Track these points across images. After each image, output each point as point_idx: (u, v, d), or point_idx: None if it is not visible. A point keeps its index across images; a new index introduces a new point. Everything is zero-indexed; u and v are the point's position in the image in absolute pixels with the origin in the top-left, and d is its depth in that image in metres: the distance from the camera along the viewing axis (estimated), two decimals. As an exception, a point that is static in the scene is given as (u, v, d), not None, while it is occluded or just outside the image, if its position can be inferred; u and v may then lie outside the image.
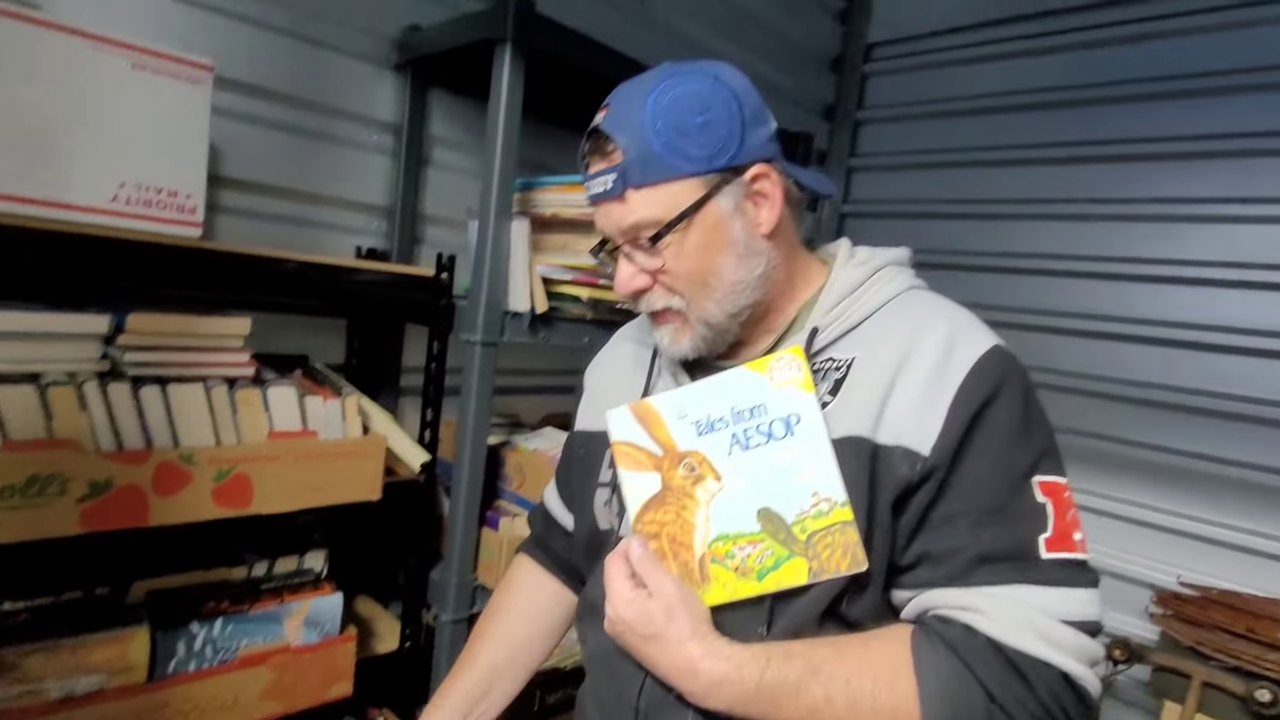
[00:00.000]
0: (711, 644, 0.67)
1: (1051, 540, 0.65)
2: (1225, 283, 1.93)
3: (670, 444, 0.75)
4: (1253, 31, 1.89)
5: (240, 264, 1.06)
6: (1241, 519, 1.91)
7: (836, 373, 0.73)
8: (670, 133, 0.71)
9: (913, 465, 0.67)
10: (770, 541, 0.70)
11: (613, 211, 0.75)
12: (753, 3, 2.26)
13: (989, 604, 0.63)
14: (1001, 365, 0.69)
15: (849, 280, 0.78)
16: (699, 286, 0.75)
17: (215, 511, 1.01)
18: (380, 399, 1.54)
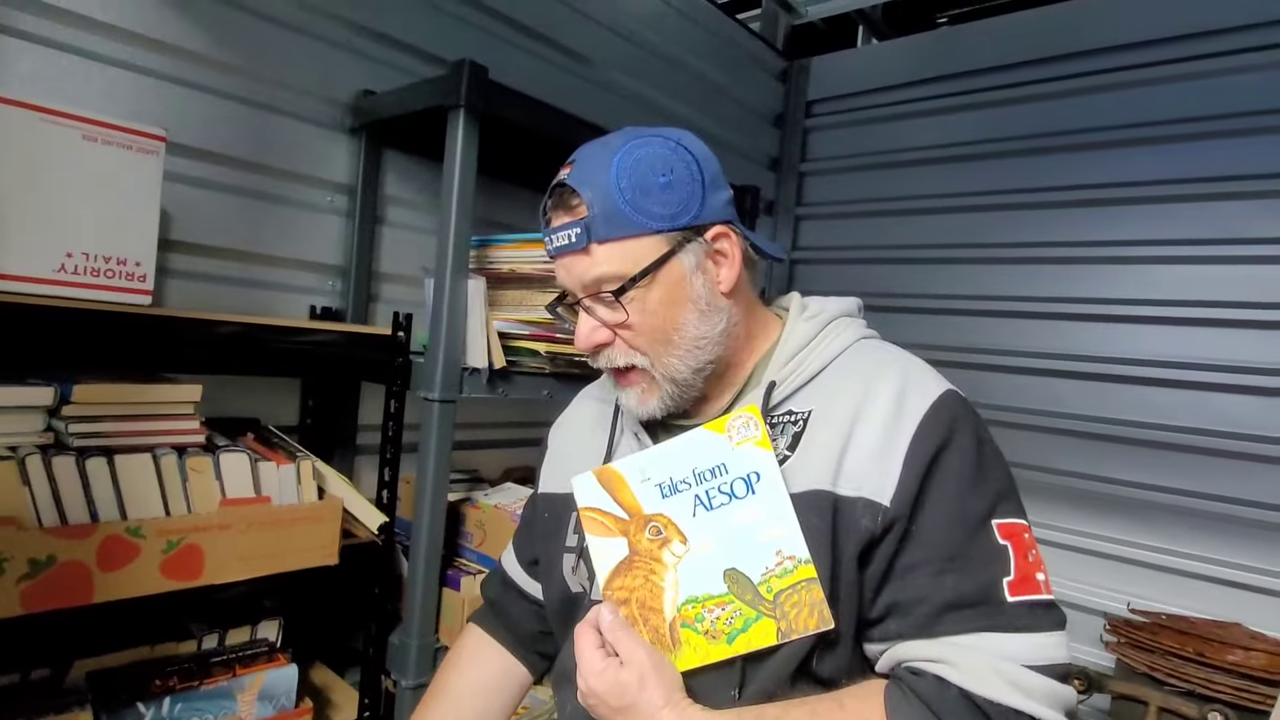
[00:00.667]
0: (685, 711, 0.67)
1: (1014, 583, 0.65)
2: (1148, 319, 2.05)
3: (635, 508, 0.75)
4: (1161, 88, 2.05)
5: (189, 328, 1.06)
6: (1181, 544, 1.99)
7: (794, 426, 0.74)
8: (634, 191, 0.73)
9: (874, 517, 0.68)
10: (738, 603, 0.70)
11: (575, 265, 0.76)
12: (698, 65, 2.36)
13: (958, 654, 0.63)
14: (952, 411, 0.71)
15: (802, 334, 0.80)
16: (662, 343, 0.76)
17: (164, 584, 0.98)
18: (336, 458, 1.52)
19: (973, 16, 2.61)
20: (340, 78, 1.51)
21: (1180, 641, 1.76)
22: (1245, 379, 1.91)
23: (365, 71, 1.54)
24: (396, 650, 1.35)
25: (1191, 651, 1.73)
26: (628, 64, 2.13)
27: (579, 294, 0.78)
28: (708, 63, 2.40)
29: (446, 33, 1.67)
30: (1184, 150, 2.01)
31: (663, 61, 2.24)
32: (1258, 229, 1.91)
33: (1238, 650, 1.71)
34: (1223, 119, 1.95)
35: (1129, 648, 1.84)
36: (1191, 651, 1.73)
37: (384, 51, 1.58)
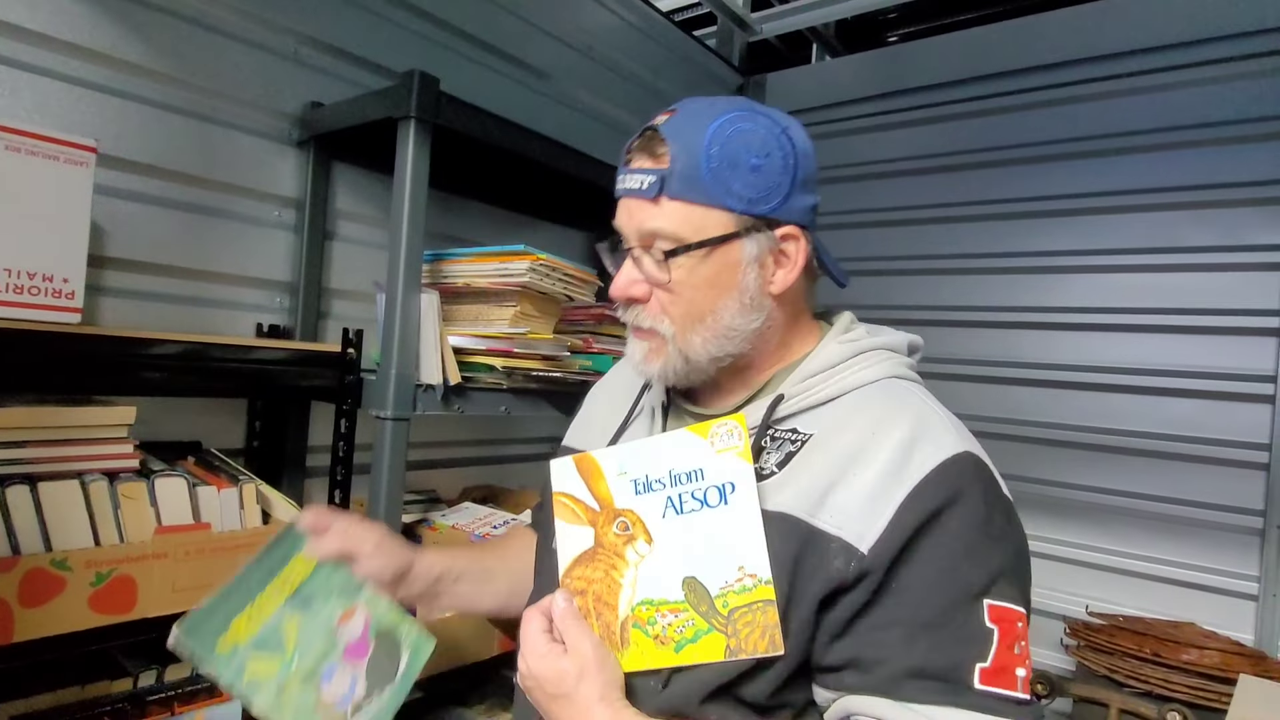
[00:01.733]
0: (619, 711, 0.66)
1: (988, 672, 0.61)
2: (1097, 326, 2.10)
3: (608, 500, 0.74)
4: (1105, 103, 2.12)
5: (122, 348, 1.01)
6: (1135, 546, 2.04)
7: (791, 445, 0.71)
8: (722, 161, 0.70)
9: (847, 561, 0.64)
10: (692, 613, 0.68)
11: (639, 211, 0.73)
12: (655, 80, 2.37)
13: (908, 718, 0.60)
14: (966, 472, 0.66)
15: (829, 355, 0.76)
16: (694, 319, 0.73)
17: (93, 619, 0.92)
18: (285, 481, 1.47)
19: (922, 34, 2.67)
20: (287, 89, 1.48)
21: (1137, 643, 1.79)
22: (1190, 383, 1.96)
23: (313, 83, 1.51)
24: (349, 680, 1.29)
25: (1148, 652, 1.76)
26: (584, 79, 2.13)
27: (632, 241, 0.75)
28: (664, 78, 2.41)
29: (398, 45, 1.65)
30: (1128, 162, 2.08)
31: (619, 76, 2.25)
32: (1196, 238, 1.98)
33: (1192, 649, 1.74)
34: (1165, 132, 2.02)
35: (1088, 650, 1.87)
36: (1148, 652, 1.76)
37: (333, 63, 1.55)
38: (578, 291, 1.52)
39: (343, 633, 0.78)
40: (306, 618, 0.77)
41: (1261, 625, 1.84)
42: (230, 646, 0.72)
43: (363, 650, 0.78)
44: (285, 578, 0.78)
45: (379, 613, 0.81)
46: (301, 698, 0.73)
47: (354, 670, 0.76)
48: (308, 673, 0.74)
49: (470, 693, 1.57)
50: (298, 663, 0.74)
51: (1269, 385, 1.86)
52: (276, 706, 0.71)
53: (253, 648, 0.73)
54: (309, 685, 0.73)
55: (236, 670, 0.71)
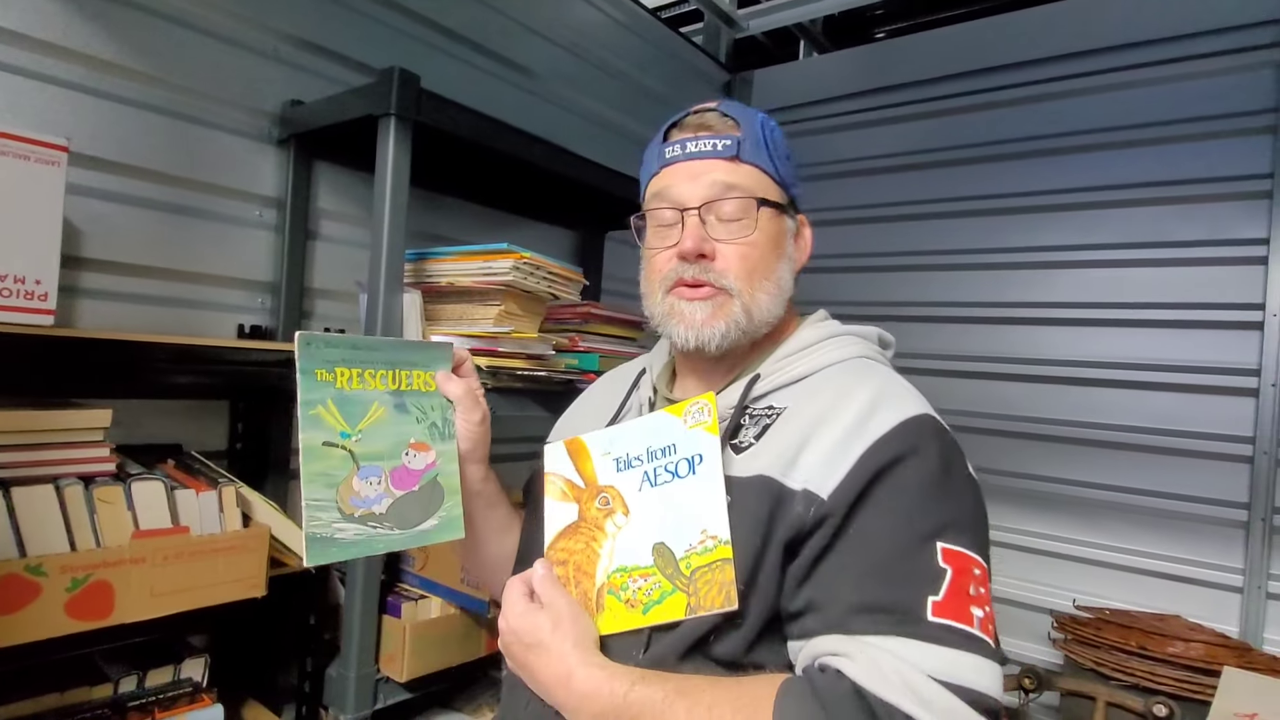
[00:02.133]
0: (590, 655, 0.69)
1: (940, 605, 0.61)
2: (1084, 321, 2.11)
3: (592, 478, 0.80)
4: (1088, 99, 2.13)
5: (98, 350, 0.99)
6: (1121, 539, 2.05)
7: (768, 418, 0.76)
8: (774, 144, 0.81)
9: (808, 507, 0.67)
10: (659, 576, 0.72)
11: (713, 169, 0.79)
12: (641, 77, 2.36)
13: (860, 650, 0.61)
14: (924, 431, 0.70)
15: (804, 338, 0.82)
16: (761, 275, 0.79)
17: (70, 625, 0.91)
18: (268, 484, 1.46)
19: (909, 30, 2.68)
20: (266, 87, 1.46)
21: (1124, 636, 1.80)
22: (1175, 377, 1.97)
23: (293, 81, 1.49)
24: (334, 683, 1.29)
25: (1135, 645, 1.77)
26: (569, 76, 2.12)
27: (698, 200, 0.79)
28: (650, 75, 2.40)
29: (380, 42, 1.63)
30: (1112, 158, 2.09)
31: (605, 73, 2.23)
32: (1180, 232, 1.99)
33: (1178, 642, 1.75)
34: (1148, 127, 2.03)
35: (1075, 644, 1.88)
36: (1135, 645, 1.77)
37: (313, 60, 1.53)
38: (563, 290, 1.51)
39: (406, 456, 0.78)
40: (391, 418, 0.77)
41: (1246, 617, 1.86)
42: (322, 380, 0.73)
43: (408, 483, 0.78)
44: (404, 376, 0.78)
45: (445, 468, 0.80)
46: (333, 466, 0.73)
47: (389, 491, 0.76)
48: (357, 455, 0.74)
49: (457, 694, 1.57)
50: (355, 441, 0.74)
51: (1253, 379, 1.87)
52: (312, 453, 0.71)
53: (337, 400, 0.73)
54: (346, 465, 0.73)
55: (311, 401, 0.72)
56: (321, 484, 0.72)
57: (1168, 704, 1.64)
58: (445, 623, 1.37)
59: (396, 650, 1.31)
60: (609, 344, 1.64)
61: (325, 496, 0.72)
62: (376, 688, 1.30)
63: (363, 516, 0.74)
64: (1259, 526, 1.85)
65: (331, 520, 0.72)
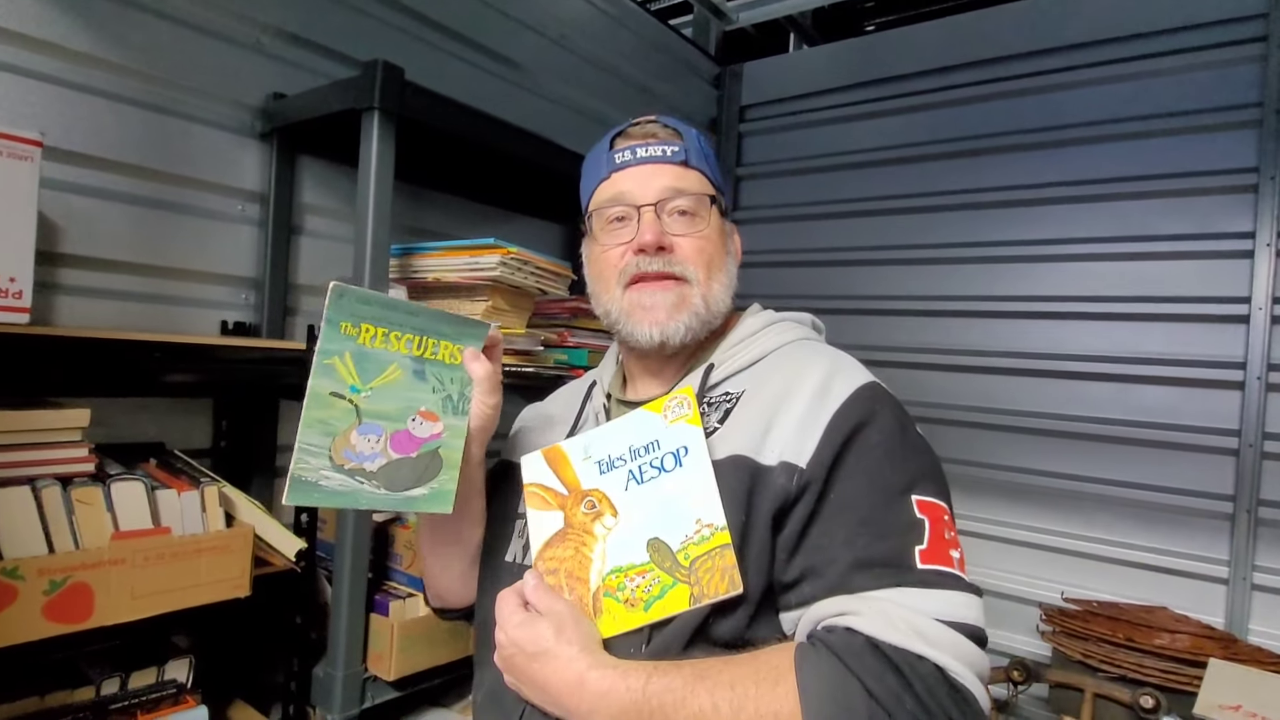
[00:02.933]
0: (599, 657, 0.69)
1: (926, 552, 0.67)
2: (1071, 315, 2.11)
3: (575, 484, 0.79)
4: (1077, 92, 2.13)
5: (77, 348, 0.97)
6: (1108, 532, 2.06)
7: (727, 403, 0.79)
8: (709, 155, 0.88)
9: (790, 477, 0.70)
10: (657, 570, 0.72)
11: (664, 173, 0.84)
12: (630, 69, 2.35)
13: (864, 605, 0.64)
14: (876, 396, 0.75)
15: (749, 327, 0.87)
16: (715, 267, 0.84)
17: (48, 628, 0.89)
18: (254, 483, 1.44)
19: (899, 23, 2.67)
20: (248, 80, 1.44)
21: (1111, 628, 1.81)
22: (1161, 370, 1.98)
23: (275, 73, 1.47)
24: (321, 682, 1.28)
25: (1122, 637, 1.78)
26: (557, 68, 2.10)
27: (654, 197, 0.83)
28: (640, 68, 2.38)
29: (365, 34, 1.61)
30: (1100, 151, 2.09)
31: (593, 66, 2.22)
32: (1167, 226, 2.00)
33: (1164, 634, 1.77)
34: (1136, 121, 2.03)
35: (1064, 636, 1.89)
36: (1122, 637, 1.78)
37: (296, 53, 1.51)
38: (551, 285, 1.50)
39: (413, 422, 0.77)
40: (407, 382, 0.76)
41: (1231, 608, 1.87)
42: (346, 333, 0.72)
43: (407, 448, 0.76)
44: (430, 344, 0.77)
45: (450, 441, 0.79)
46: (335, 417, 0.72)
47: (386, 452, 0.75)
48: (361, 410, 0.73)
49: (446, 692, 1.56)
50: (364, 397, 0.73)
51: (1239, 372, 1.88)
52: (317, 400, 0.71)
53: (355, 355, 0.72)
54: (349, 418, 0.73)
55: (329, 351, 0.71)
56: (318, 430, 0.71)
57: (1154, 695, 1.66)
58: (433, 621, 1.35)
59: (385, 649, 1.29)
60: (598, 339, 1.63)
61: (319, 443, 0.71)
62: (364, 687, 1.29)
63: (352, 470, 0.73)
64: (1244, 518, 1.86)
65: (319, 467, 0.71)
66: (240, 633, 1.32)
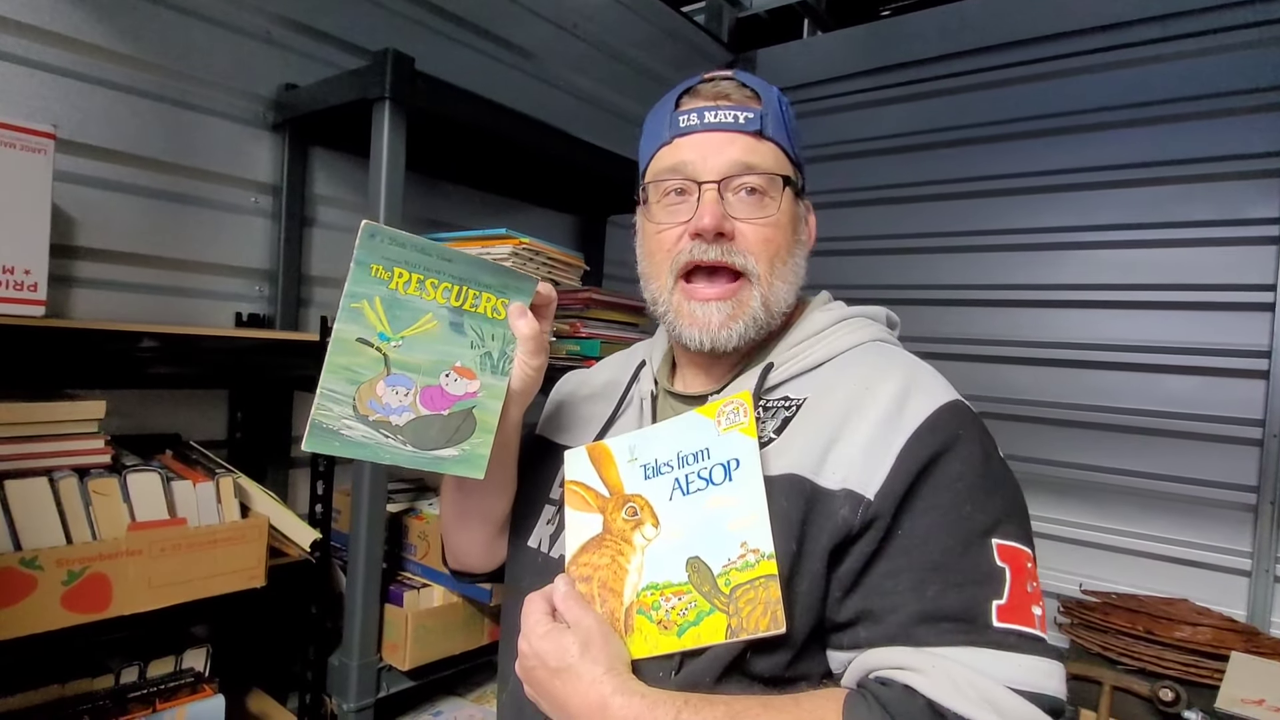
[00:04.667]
0: (626, 681, 0.63)
1: (1005, 608, 0.58)
2: (1093, 303, 2.08)
3: (618, 486, 0.73)
4: (1104, 75, 2.08)
5: (92, 341, 0.98)
6: (1129, 523, 2.03)
7: (786, 411, 0.70)
8: (791, 122, 0.76)
9: (854, 509, 0.62)
10: (695, 594, 0.65)
11: (735, 144, 0.73)
12: (642, 58, 2.32)
13: (930, 663, 0.57)
14: (960, 419, 0.66)
15: (815, 323, 0.77)
16: (780, 260, 0.74)
17: (67, 618, 0.90)
18: (269, 473, 1.45)
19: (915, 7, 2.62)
20: (260, 71, 1.43)
21: (1131, 620, 1.79)
22: (1185, 359, 1.95)
23: (287, 64, 1.47)
24: (337, 672, 1.28)
25: (1142, 630, 1.76)
26: (570, 58, 2.08)
27: (718, 174, 0.72)
28: (652, 56, 2.36)
29: (376, 24, 1.60)
30: (1123, 136, 2.05)
31: (606, 55, 2.20)
32: (1191, 212, 1.95)
33: (1185, 626, 1.74)
34: (1159, 105, 1.99)
35: (1082, 628, 1.87)
36: (1142, 630, 1.76)
37: (308, 44, 1.51)
38: (564, 276, 1.49)
39: (446, 378, 0.70)
40: (442, 334, 0.70)
41: (1254, 601, 1.84)
42: (376, 276, 0.67)
43: (439, 405, 0.70)
44: (471, 295, 0.70)
45: (486, 402, 0.72)
46: (361, 364, 0.67)
47: (414, 407, 0.69)
48: (390, 360, 0.68)
49: (461, 680, 1.57)
50: (393, 347, 0.68)
51: (1264, 360, 1.85)
52: (342, 346, 0.66)
53: (386, 300, 0.67)
54: (376, 367, 0.67)
55: (357, 294, 0.66)
56: (343, 377, 0.66)
57: (1174, 688, 1.64)
58: (448, 611, 1.36)
59: (399, 639, 1.30)
60: (611, 330, 1.62)
61: (343, 390, 0.66)
62: (379, 676, 1.29)
63: (377, 422, 0.67)
64: (1268, 510, 1.83)
65: (342, 415, 0.66)
66: (256, 622, 1.33)
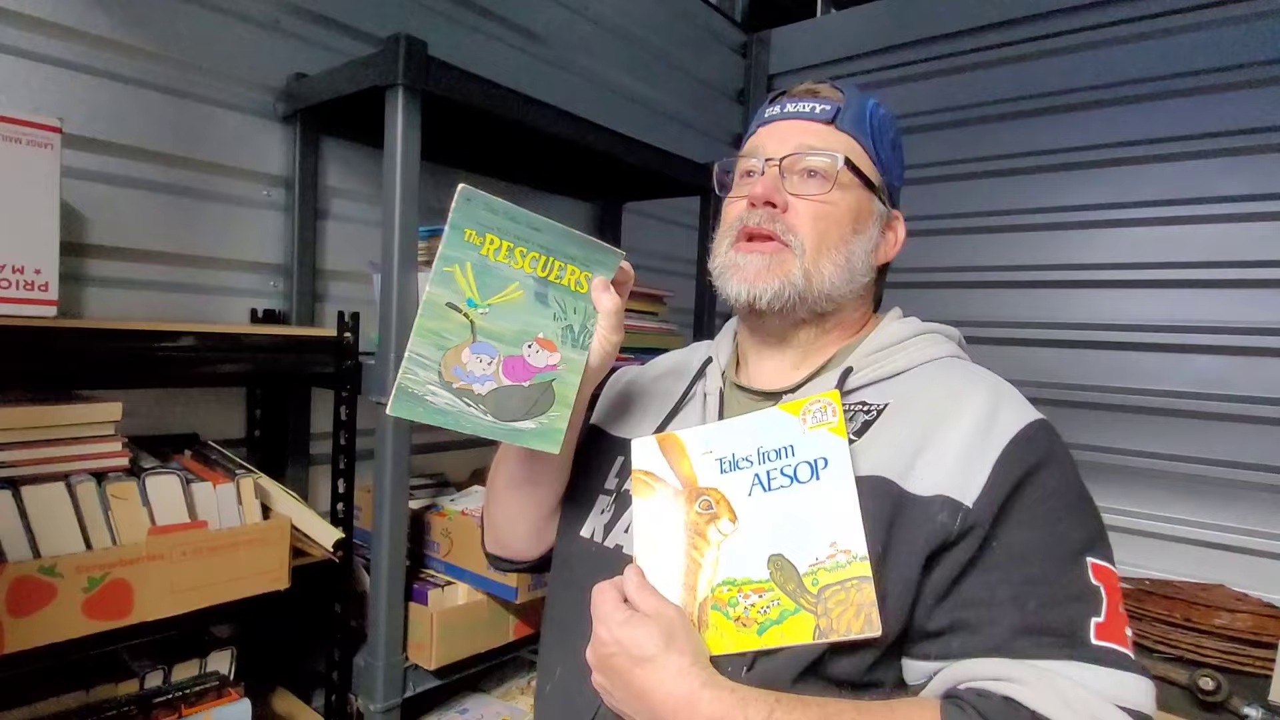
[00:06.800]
0: (713, 675, 0.61)
1: (1103, 627, 0.59)
2: (1124, 283, 2.02)
3: (691, 479, 0.71)
4: (1126, 47, 2.01)
5: (105, 341, 0.95)
6: (1162, 508, 1.99)
7: (866, 415, 0.70)
8: (879, 125, 0.78)
9: (954, 514, 0.61)
10: (778, 592, 0.64)
11: (807, 130, 0.76)
12: (656, 40, 2.27)
13: (1033, 675, 0.57)
14: (1050, 437, 0.66)
15: (893, 333, 0.78)
16: (830, 243, 0.74)
17: (88, 626, 0.88)
18: (289, 471, 1.43)
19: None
20: (269, 60, 1.40)
21: (1167, 607, 1.74)
22: (1221, 339, 1.89)
23: (297, 53, 1.43)
24: (362, 672, 1.26)
25: (1179, 617, 1.71)
26: (581, 40, 2.03)
27: (783, 152, 0.76)
28: (665, 37, 2.31)
29: (386, 10, 1.56)
30: (1155, 109, 1.98)
31: (618, 37, 2.15)
32: (1225, 187, 1.89)
33: (1224, 613, 1.70)
34: (1194, 76, 1.92)
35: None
36: (1179, 617, 1.71)
37: (317, 31, 1.47)
38: (582, 264, 1.46)
39: (529, 348, 0.70)
40: (527, 304, 0.69)
41: (1293, 586, 1.80)
42: (469, 241, 0.67)
43: (521, 376, 0.70)
44: (556, 266, 0.70)
45: (566, 376, 0.72)
46: (449, 329, 0.67)
47: (497, 377, 0.69)
48: (477, 327, 0.68)
49: (487, 677, 1.55)
50: (481, 314, 0.68)
51: (1301, 339, 1.79)
52: (432, 310, 0.66)
53: (477, 266, 0.67)
54: (463, 333, 0.67)
55: (451, 258, 0.66)
56: (431, 342, 0.66)
57: (1215, 677, 1.59)
58: (472, 609, 1.34)
59: (425, 638, 1.28)
60: (629, 319, 1.58)
61: (431, 356, 0.66)
62: (405, 676, 1.27)
63: (460, 390, 0.67)
64: (1307, 492, 1.78)
65: (427, 380, 0.66)
66: (280, 622, 1.31)
